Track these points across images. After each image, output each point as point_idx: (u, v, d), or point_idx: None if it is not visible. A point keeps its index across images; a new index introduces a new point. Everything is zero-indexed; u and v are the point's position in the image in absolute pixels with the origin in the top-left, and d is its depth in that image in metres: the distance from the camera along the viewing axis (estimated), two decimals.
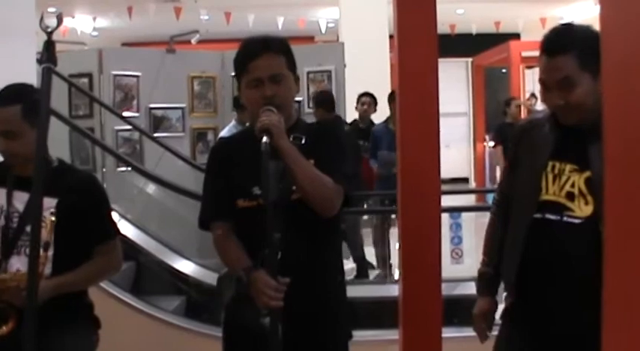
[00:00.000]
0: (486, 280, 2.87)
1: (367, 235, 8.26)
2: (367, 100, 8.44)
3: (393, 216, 7.87)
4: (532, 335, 2.62)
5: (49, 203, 2.91)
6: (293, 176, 2.48)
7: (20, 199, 2.95)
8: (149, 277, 6.39)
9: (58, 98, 7.31)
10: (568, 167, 2.55)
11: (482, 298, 2.88)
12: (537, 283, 2.58)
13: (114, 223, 3.22)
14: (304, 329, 2.59)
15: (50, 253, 2.92)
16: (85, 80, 7.86)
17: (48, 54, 1.70)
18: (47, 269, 2.91)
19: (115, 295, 4.60)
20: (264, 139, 2.43)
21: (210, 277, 6.38)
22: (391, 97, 7.89)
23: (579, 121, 2.51)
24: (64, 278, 2.94)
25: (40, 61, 1.72)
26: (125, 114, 7.75)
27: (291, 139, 2.57)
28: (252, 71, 2.62)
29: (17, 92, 2.95)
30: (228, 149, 2.84)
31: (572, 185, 2.53)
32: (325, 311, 2.67)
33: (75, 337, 3.02)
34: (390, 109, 7.96)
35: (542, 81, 2.56)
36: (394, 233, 7.94)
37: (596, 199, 2.48)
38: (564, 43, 2.49)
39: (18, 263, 2.91)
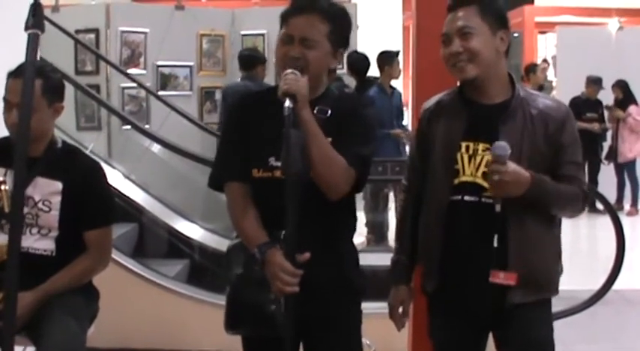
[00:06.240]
0: (400, 269, 2.79)
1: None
2: None
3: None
4: (460, 319, 2.61)
5: (54, 186, 3.01)
6: (308, 151, 2.29)
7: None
8: (152, 240, 6.31)
9: (65, 53, 7.19)
10: (481, 146, 2.53)
11: (396, 287, 2.78)
12: (460, 266, 2.56)
13: (109, 213, 3.20)
14: (317, 305, 2.44)
15: (54, 234, 3.01)
16: (92, 36, 7.72)
17: (35, 19, 1.53)
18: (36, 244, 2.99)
19: (117, 259, 4.51)
20: (287, 103, 2.25)
21: (214, 241, 6.31)
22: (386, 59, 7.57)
23: (478, 76, 2.51)
24: (45, 289, 2.95)
25: (25, 27, 1.55)
26: (132, 71, 7.61)
27: (315, 110, 2.39)
28: (288, 26, 2.46)
29: (39, 68, 2.93)
30: (250, 107, 2.60)
31: (487, 165, 2.49)
32: (339, 288, 2.53)
33: (75, 307, 3.00)
34: (382, 71, 7.57)
35: (443, 36, 2.55)
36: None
37: None
38: None
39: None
